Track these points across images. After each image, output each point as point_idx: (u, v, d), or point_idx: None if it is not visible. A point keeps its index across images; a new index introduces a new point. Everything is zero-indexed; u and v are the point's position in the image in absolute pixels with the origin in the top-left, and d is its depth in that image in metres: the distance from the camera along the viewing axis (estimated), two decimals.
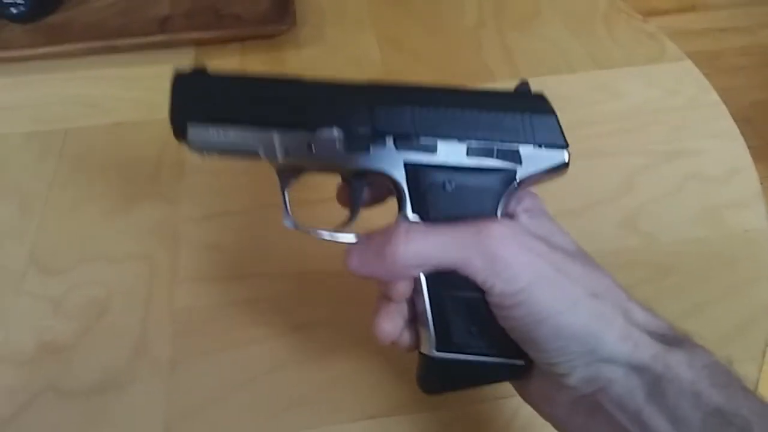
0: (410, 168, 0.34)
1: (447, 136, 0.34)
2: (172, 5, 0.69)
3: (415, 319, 0.34)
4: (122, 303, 0.47)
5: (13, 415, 0.42)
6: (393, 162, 0.34)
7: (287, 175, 0.37)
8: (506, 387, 0.35)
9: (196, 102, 0.35)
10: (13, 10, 0.65)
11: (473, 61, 0.65)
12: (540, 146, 0.34)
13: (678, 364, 0.28)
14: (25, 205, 0.53)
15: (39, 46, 0.63)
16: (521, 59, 0.65)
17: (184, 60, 0.65)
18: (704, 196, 0.53)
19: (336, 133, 0.34)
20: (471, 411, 0.42)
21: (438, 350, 0.33)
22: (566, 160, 0.34)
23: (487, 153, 0.34)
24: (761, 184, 0.53)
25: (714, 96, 0.60)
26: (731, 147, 0.56)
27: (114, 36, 0.64)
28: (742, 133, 0.57)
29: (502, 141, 0.34)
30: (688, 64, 0.64)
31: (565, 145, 0.34)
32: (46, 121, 0.60)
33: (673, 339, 0.30)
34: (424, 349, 0.34)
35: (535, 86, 0.61)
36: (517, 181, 0.34)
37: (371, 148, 0.34)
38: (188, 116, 0.35)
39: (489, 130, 0.34)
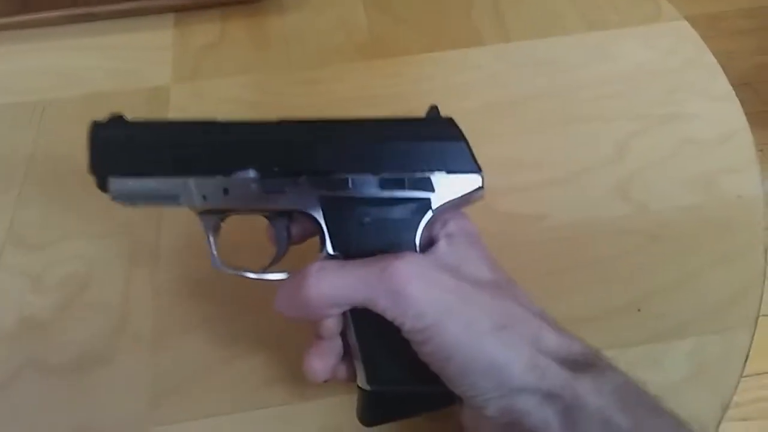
0: (326, 204, 0.34)
1: (359, 170, 0.34)
2: None
3: (349, 352, 0.35)
4: (103, 278, 0.46)
5: None
6: (309, 200, 0.34)
7: (211, 218, 0.37)
8: None
9: (115, 154, 0.35)
10: None
11: (462, 25, 0.63)
12: (452, 173, 0.34)
13: (586, 392, 0.28)
14: (3, 179, 0.52)
15: (11, 14, 0.61)
16: (512, 22, 0.63)
17: (163, 27, 0.63)
18: (698, 161, 0.51)
19: (251, 175, 0.34)
20: None
21: (370, 383, 0.33)
22: (480, 185, 0.35)
23: (400, 184, 0.34)
24: (760, 150, 0.52)
25: (710, 57, 0.59)
26: (727, 110, 0.55)
27: (89, 3, 0.62)
28: (743, 98, 0.55)
29: (413, 171, 0.34)
30: (685, 24, 0.62)
31: (477, 170, 0.35)
32: (22, 93, 0.58)
33: (583, 364, 0.30)
34: (360, 382, 0.34)
35: (527, 50, 0.60)
36: (433, 209, 0.34)
37: (286, 188, 0.34)
38: (108, 170, 0.35)
39: (400, 161, 0.34)
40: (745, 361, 0.41)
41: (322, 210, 0.34)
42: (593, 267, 0.46)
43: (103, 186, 0.35)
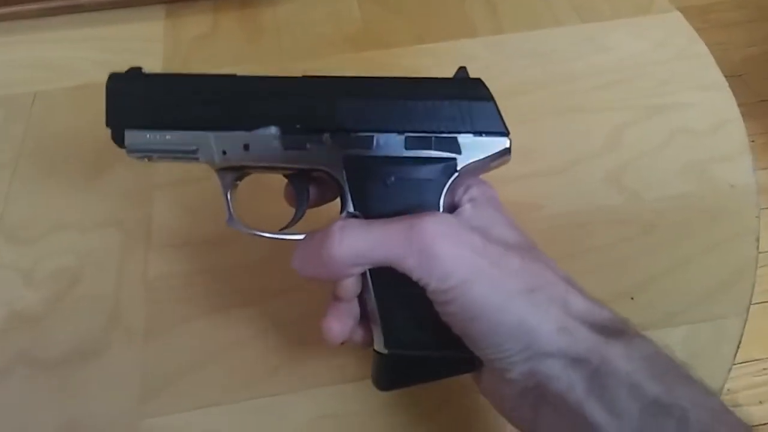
0: (349, 163, 0.33)
1: (384, 129, 0.33)
2: None
3: (366, 316, 0.34)
4: (94, 271, 0.46)
5: None
6: (331, 158, 0.33)
7: (228, 176, 0.36)
8: None
9: (132, 106, 0.34)
10: None
11: (456, 15, 0.63)
12: (479, 134, 0.33)
13: (616, 357, 0.28)
14: None
15: (0, 6, 0.61)
16: (505, 13, 0.63)
17: (154, 19, 0.63)
18: (690, 150, 0.52)
19: (272, 131, 0.33)
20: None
21: (388, 347, 0.33)
22: (507, 147, 0.34)
23: (426, 144, 0.33)
24: (752, 141, 0.52)
25: (702, 47, 0.59)
26: (719, 100, 0.55)
27: None
28: (734, 90, 0.56)
29: (440, 131, 0.33)
30: (677, 15, 0.62)
31: (505, 132, 0.34)
32: (12, 85, 0.58)
33: (612, 330, 0.29)
34: (377, 346, 0.34)
35: (520, 41, 0.60)
36: (458, 170, 0.33)
37: (308, 145, 0.33)
38: (125, 121, 0.34)
39: (426, 120, 0.33)
40: (737, 348, 0.41)
41: (345, 169, 0.33)
42: (587, 256, 0.46)
43: (118, 139, 0.35)
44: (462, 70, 0.35)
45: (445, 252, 0.29)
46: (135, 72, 0.35)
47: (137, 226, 0.48)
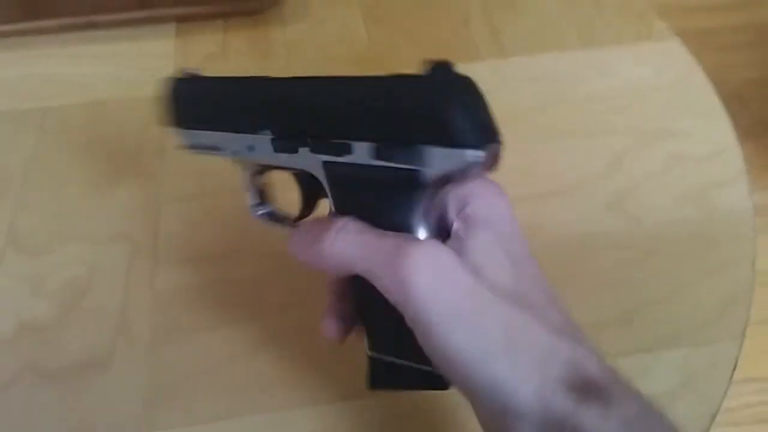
0: (327, 169, 0.33)
1: (353, 136, 0.31)
2: None
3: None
4: (103, 283, 0.47)
5: None
6: (315, 162, 0.33)
7: (249, 170, 0.39)
8: None
9: (183, 107, 0.39)
10: None
11: (460, 38, 0.64)
12: (451, 145, 0.29)
13: (591, 422, 0.25)
14: (3, 184, 0.53)
15: (14, 22, 0.62)
16: (508, 36, 0.64)
17: (165, 37, 0.64)
18: (688, 176, 0.53)
19: (268, 134, 0.35)
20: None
21: (371, 350, 0.34)
22: (482, 157, 0.29)
23: (393, 152, 0.30)
24: (750, 163, 0.53)
25: (701, 76, 0.60)
26: (717, 127, 0.56)
27: (92, 12, 0.63)
28: (734, 112, 0.57)
29: (410, 139, 0.30)
30: (677, 42, 0.63)
31: (481, 143, 0.29)
32: (24, 100, 0.59)
33: (595, 389, 0.26)
34: (365, 347, 0.34)
35: (522, 65, 0.61)
36: (424, 182, 0.30)
37: (299, 149, 0.34)
38: (179, 121, 0.40)
39: (393, 127, 0.30)
40: (733, 370, 0.42)
41: (325, 174, 0.33)
42: (586, 278, 0.47)
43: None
44: (445, 65, 0.30)
45: (426, 286, 0.27)
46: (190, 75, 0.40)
47: (146, 240, 0.49)
